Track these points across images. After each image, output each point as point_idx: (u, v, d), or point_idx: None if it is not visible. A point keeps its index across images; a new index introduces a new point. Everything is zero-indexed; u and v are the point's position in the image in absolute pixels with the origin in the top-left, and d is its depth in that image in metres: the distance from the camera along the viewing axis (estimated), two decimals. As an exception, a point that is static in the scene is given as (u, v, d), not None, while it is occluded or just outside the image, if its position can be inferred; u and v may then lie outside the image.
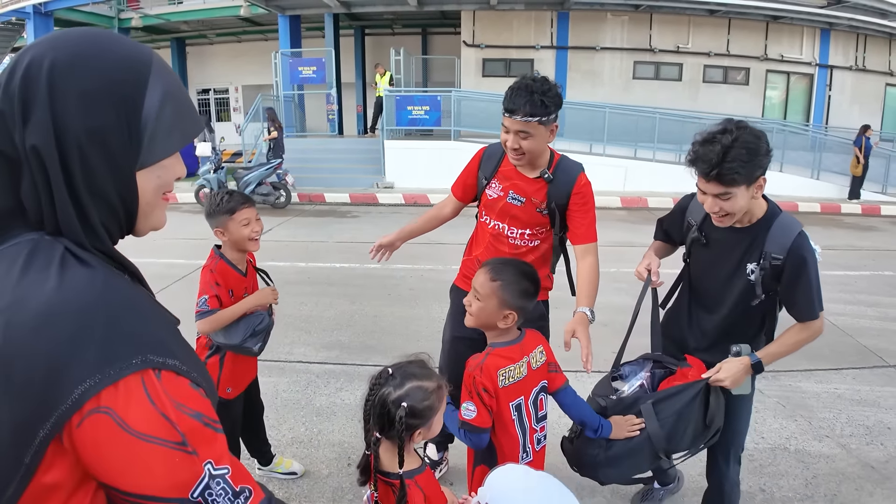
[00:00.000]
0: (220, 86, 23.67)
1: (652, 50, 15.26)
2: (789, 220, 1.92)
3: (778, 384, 3.85)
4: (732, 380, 1.94)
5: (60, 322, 0.65)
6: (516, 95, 2.10)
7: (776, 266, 1.88)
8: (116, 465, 0.66)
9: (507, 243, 2.38)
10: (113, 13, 18.85)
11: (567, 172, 2.31)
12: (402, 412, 1.33)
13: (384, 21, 19.95)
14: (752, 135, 1.74)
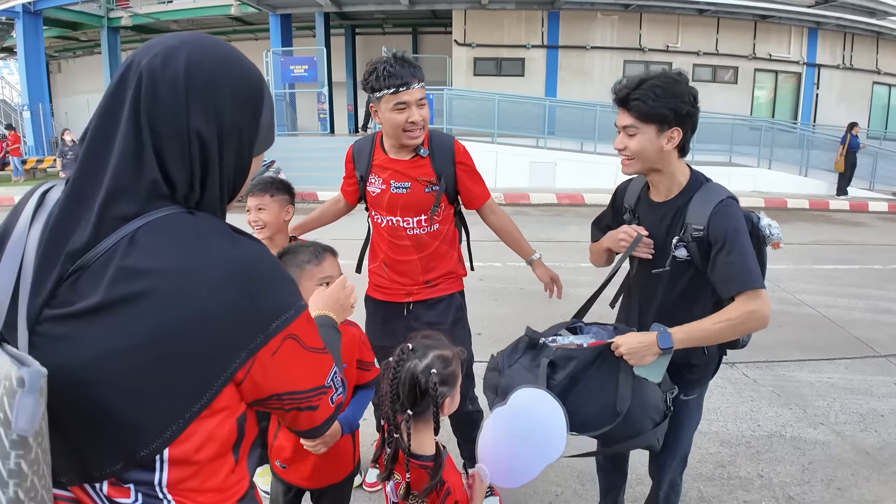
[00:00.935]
0: (210, 85, 23.60)
1: (642, 49, 15.38)
2: (714, 188, 1.74)
3: (772, 374, 3.91)
4: (629, 351, 1.66)
5: (259, 272, 0.82)
6: (401, 68, 2.05)
7: (699, 238, 1.68)
8: (298, 374, 0.87)
9: (406, 236, 2.28)
10: (102, 12, 18.70)
11: (442, 143, 2.27)
12: (435, 378, 1.36)
13: (375, 20, 19.96)
14: (676, 80, 1.65)
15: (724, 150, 13.40)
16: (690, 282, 1.78)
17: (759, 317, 1.62)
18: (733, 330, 1.65)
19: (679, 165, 1.76)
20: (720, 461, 2.92)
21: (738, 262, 1.61)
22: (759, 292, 1.62)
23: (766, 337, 4.52)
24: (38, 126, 16.86)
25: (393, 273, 2.34)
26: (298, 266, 1.71)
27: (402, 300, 2.35)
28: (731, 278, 1.63)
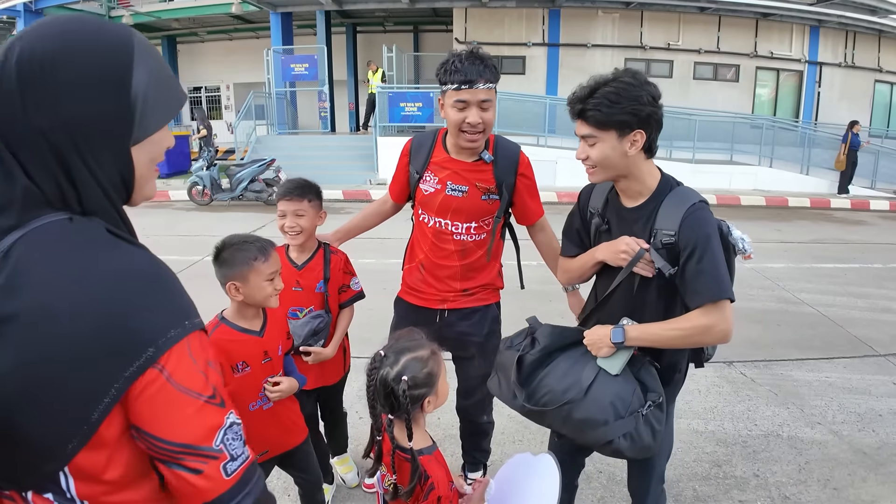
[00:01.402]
0: (212, 84, 23.54)
1: (643, 47, 15.32)
2: (685, 192, 1.66)
3: (770, 373, 3.89)
4: (589, 342, 1.68)
5: (131, 289, 0.72)
6: (469, 64, 1.94)
7: (669, 244, 1.60)
8: (162, 417, 0.73)
9: (451, 241, 2.17)
10: (104, 11, 18.68)
11: (507, 150, 2.16)
12: (405, 386, 1.35)
13: (376, 19, 19.93)
14: (632, 80, 1.56)
15: (726, 149, 13.34)
16: (660, 293, 1.69)
17: (717, 332, 1.55)
18: (685, 339, 1.60)
19: (648, 167, 1.68)
20: (716, 460, 2.91)
21: (707, 270, 1.54)
22: (721, 305, 1.54)
23: (765, 336, 4.52)
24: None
25: (430, 276, 2.24)
26: (246, 263, 1.75)
27: (436, 307, 2.25)
28: (699, 288, 1.55)
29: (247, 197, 10.71)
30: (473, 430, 2.50)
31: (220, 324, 1.83)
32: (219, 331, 1.80)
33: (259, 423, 1.90)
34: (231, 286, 1.76)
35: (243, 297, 1.78)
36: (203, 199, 10.88)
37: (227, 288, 1.77)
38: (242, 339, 1.84)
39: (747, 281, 5.91)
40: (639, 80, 1.57)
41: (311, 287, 2.23)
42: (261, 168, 10.72)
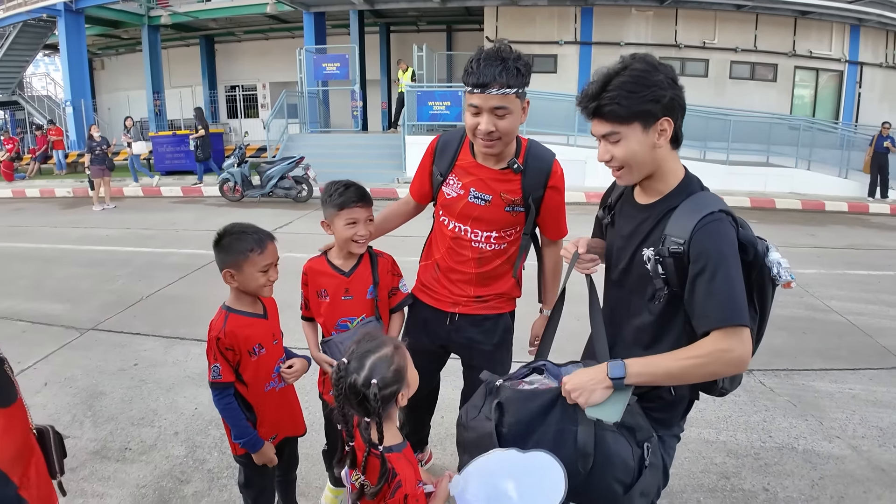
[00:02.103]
0: (248, 82, 23.98)
1: (677, 45, 14.99)
2: (705, 198, 1.45)
3: (790, 382, 3.76)
4: (575, 387, 1.41)
5: None
6: (486, 66, 1.75)
7: (677, 255, 1.40)
8: None
9: (469, 247, 2.07)
10: (143, 11, 19.23)
11: (540, 160, 1.99)
12: (375, 389, 1.35)
13: (409, 18, 19.99)
14: (645, 63, 1.41)
15: (762, 150, 12.97)
16: (665, 306, 1.50)
17: (733, 358, 1.34)
18: (699, 371, 1.37)
19: (675, 163, 1.50)
20: (724, 472, 2.82)
21: (721, 291, 1.33)
22: (739, 330, 1.33)
23: (789, 344, 4.37)
24: (80, 121, 17.43)
25: (444, 278, 2.16)
26: (242, 254, 1.81)
27: (448, 309, 2.16)
28: (709, 311, 1.35)
29: (276, 194, 10.92)
30: None
31: (229, 314, 1.88)
32: (231, 320, 1.87)
33: (275, 405, 2.00)
34: (226, 273, 1.84)
35: (238, 285, 1.86)
36: (234, 196, 11.14)
37: (224, 274, 1.85)
38: (253, 323, 1.92)
39: (775, 287, 5.74)
40: (651, 63, 1.41)
41: (363, 294, 2.11)
42: (290, 166, 10.92)
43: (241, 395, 1.92)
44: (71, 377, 3.81)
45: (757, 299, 1.50)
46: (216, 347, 1.85)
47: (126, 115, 13.54)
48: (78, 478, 2.76)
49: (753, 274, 1.46)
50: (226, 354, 1.86)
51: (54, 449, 1.27)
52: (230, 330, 1.85)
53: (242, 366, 1.89)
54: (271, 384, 1.97)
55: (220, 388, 1.87)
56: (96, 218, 10.08)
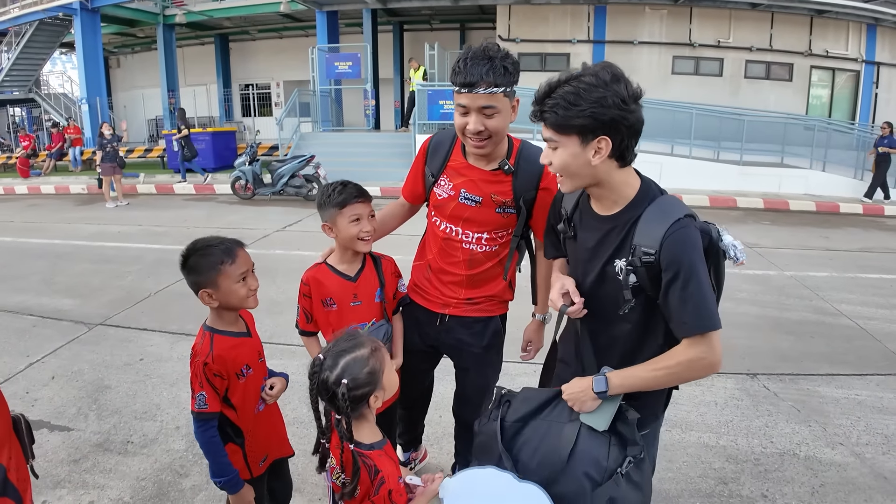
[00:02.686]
0: (262, 81, 24.12)
1: (691, 44, 14.89)
2: (668, 203, 1.47)
3: (795, 387, 3.71)
4: (570, 397, 1.53)
5: None
6: (473, 65, 1.74)
7: (649, 264, 1.43)
8: None
9: (460, 249, 2.06)
10: (158, 9, 19.40)
11: (531, 161, 1.95)
12: (344, 389, 1.35)
13: (422, 17, 20.01)
14: (595, 79, 1.36)
15: (776, 151, 12.82)
16: (641, 311, 1.53)
17: (704, 366, 1.43)
18: (673, 379, 1.47)
19: (623, 176, 1.49)
20: (723, 478, 2.79)
21: (693, 298, 1.38)
22: (709, 337, 1.40)
23: (795, 348, 4.33)
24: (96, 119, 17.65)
25: (435, 279, 2.16)
26: (213, 269, 1.69)
27: (438, 310, 2.16)
28: (685, 317, 1.40)
29: (287, 192, 10.99)
30: (467, 434, 2.46)
31: (214, 335, 1.75)
32: (217, 343, 1.74)
33: (265, 426, 1.90)
34: (203, 294, 1.71)
35: (218, 303, 1.73)
36: (245, 193, 11.23)
37: (201, 296, 1.71)
38: (239, 343, 1.80)
39: (785, 290, 5.68)
40: (602, 78, 1.36)
41: (371, 297, 2.06)
42: (301, 164, 10.99)
43: (229, 421, 1.80)
44: (78, 371, 3.87)
45: (714, 278, 1.53)
46: (203, 374, 1.70)
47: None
48: (80, 469, 2.81)
49: (710, 257, 1.51)
50: (213, 381, 1.72)
51: (25, 435, 1.29)
52: (218, 354, 1.72)
53: (231, 389, 1.77)
54: (260, 406, 1.87)
55: (204, 419, 1.72)
56: (110, 215, 10.21)
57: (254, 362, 1.83)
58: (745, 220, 9.78)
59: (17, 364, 4.01)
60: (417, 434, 2.72)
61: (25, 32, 19.10)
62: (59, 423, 3.24)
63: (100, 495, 2.63)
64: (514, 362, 3.77)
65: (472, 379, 2.24)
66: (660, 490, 2.66)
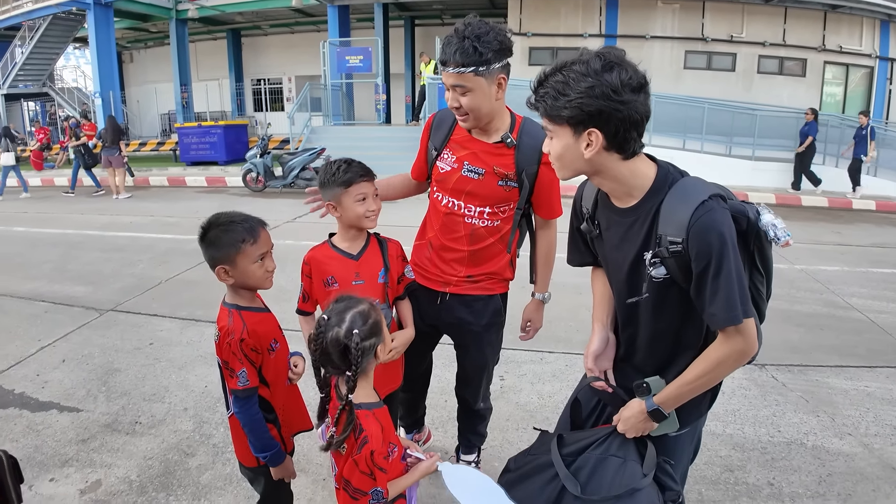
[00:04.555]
0: (275, 76, 24.26)
1: (704, 39, 14.76)
2: (690, 185, 1.39)
3: (804, 378, 3.68)
4: (632, 430, 1.51)
5: None
6: (447, 44, 1.78)
7: (677, 253, 1.35)
8: None
9: (462, 223, 2.07)
10: (170, 4, 19.53)
11: (533, 137, 1.97)
12: (357, 338, 1.38)
13: (433, 11, 20.02)
14: (584, 68, 1.28)
15: (789, 147, 12.68)
16: (677, 304, 1.45)
17: (738, 356, 1.38)
18: (713, 378, 1.42)
19: (630, 167, 1.40)
20: (729, 465, 2.78)
21: (723, 289, 1.31)
22: (741, 328, 1.33)
23: (805, 340, 4.30)
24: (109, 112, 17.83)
25: (436, 257, 2.16)
26: (234, 246, 1.64)
27: (438, 289, 2.17)
28: (715, 310, 1.33)
29: (297, 184, 11.04)
30: (469, 414, 2.48)
31: (241, 311, 1.71)
32: (248, 318, 1.70)
33: (294, 399, 1.89)
34: (220, 270, 1.66)
35: (234, 281, 1.68)
36: (257, 186, 11.31)
37: (217, 272, 1.67)
38: (265, 318, 1.78)
39: (796, 283, 5.63)
40: (592, 67, 1.28)
41: (374, 277, 2.02)
42: (311, 157, 11.05)
43: (262, 399, 1.75)
44: (88, 354, 3.92)
45: (760, 262, 1.49)
46: (241, 350, 1.64)
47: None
48: (88, 449, 2.85)
49: (751, 240, 1.45)
50: (251, 356, 1.67)
51: (9, 475, 1.21)
52: (252, 329, 1.68)
53: (265, 366, 1.74)
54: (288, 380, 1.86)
55: (247, 396, 1.68)
56: (122, 206, 10.31)
57: (279, 336, 1.81)
58: (757, 215, 9.70)
59: (29, 348, 4.07)
60: (419, 416, 2.73)
61: (39, 27, 19.30)
62: (68, 405, 3.29)
63: (107, 473, 2.66)
64: (520, 349, 3.80)
65: (472, 358, 2.26)
66: (664, 477, 2.67)
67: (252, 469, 1.86)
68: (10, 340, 4.22)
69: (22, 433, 3.03)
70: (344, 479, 1.43)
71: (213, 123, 16.27)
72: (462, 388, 2.40)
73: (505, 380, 3.55)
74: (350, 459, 1.41)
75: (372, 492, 1.41)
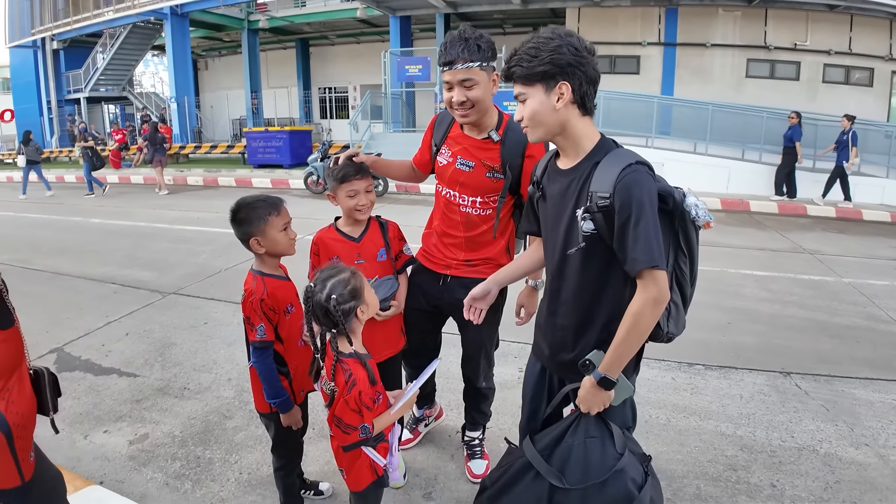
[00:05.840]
0: (341, 85, 24.96)
1: (767, 47, 14.36)
2: (623, 153, 1.58)
3: (829, 388, 3.61)
4: (593, 406, 1.65)
5: None
6: (451, 46, 2.03)
7: (605, 208, 1.52)
8: None
9: (458, 212, 2.31)
10: (243, 15, 20.51)
11: (518, 132, 2.14)
12: (334, 303, 1.63)
13: (494, 21, 20.12)
14: (551, 34, 1.55)
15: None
16: (600, 260, 1.62)
17: (655, 303, 1.51)
18: (642, 327, 1.54)
19: (585, 127, 1.63)
20: (733, 464, 2.79)
21: (643, 236, 1.48)
22: (657, 276, 1.49)
23: (838, 351, 4.20)
24: (184, 117, 18.93)
25: (440, 243, 2.41)
26: (262, 220, 1.98)
27: (441, 271, 2.40)
28: (636, 254, 1.49)
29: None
30: (473, 393, 2.66)
31: (264, 277, 2.02)
32: (268, 283, 2.01)
33: (307, 359, 2.10)
34: (254, 241, 1.99)
35: (265, 249, 2.00)
36: (317, 188, 11.82)
37: (251, 243, 1.99)
38: (283, 285, 2.08)
39: (840, 296, 5.48)
40: (558, 33, 1.55)
41: (373, 256, 2.31)
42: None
43: (277, 354, 2.06)
44: (149, 330, 4.38)
45: (684, 243, 1.66)
46: (260, 308, 1.95)
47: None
48: (140, 408, 3.24)
49: (676, 220, 1.64)
50: (268, 315, 1.98)
51: (48, 389, 1.39)
52: (271, 291, 1.99)
53: (280, 325, 2.04)
54: (300, 341, 2.13)
55: (263, 348, 1.98)
56: (191, 202, 11.04)
57: (295, 302, 2.11)
58: (812, 227, 9.40)
59: (97, 322, 4.57)
60: (428, 392, 2.94)
61: (119, 35, 20.62)
62: (127, 371, 3.72)
63: (154, 429, 3.03)
64: (516, 342, 3.93)
65: (471, 336, 2.46)
66: (665, 470, 2.70)
67: (265, 415, 2.16)
68: (81, 315, 4.73)
69: (84, 392, 3.46)
70: (336, 417, 1.68)
71: (278, 129, 17.04)
72: (465, 367, 2.60)
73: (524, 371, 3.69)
74: (342, 400, 1.66)
75: (361, 427, 1.67)
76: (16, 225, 9.12)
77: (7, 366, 1.18)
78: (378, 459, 1.76)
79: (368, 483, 1.79)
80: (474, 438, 2.73)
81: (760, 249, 7.49)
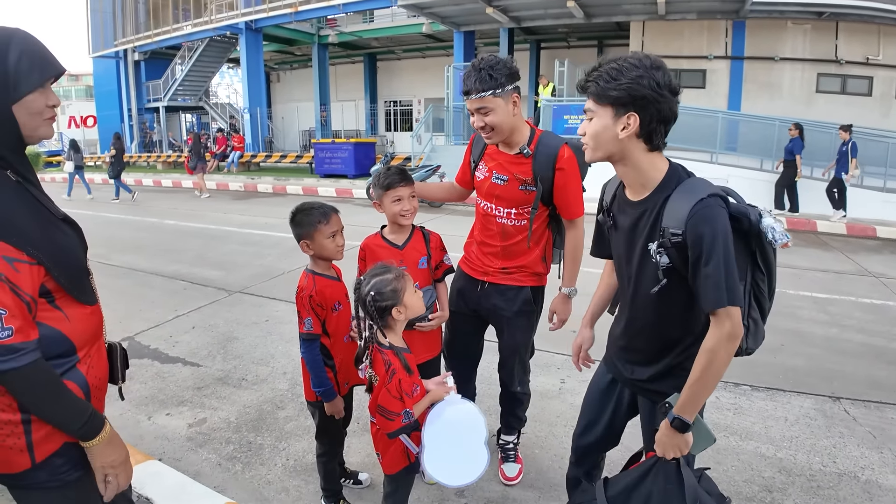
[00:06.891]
0: (405, 98, 25.54)
1: (837, 61, 13.77)
2: (694, 184, 1.54)
3: (879, 415, 3.49)
4: (669, 451, 1.61)
5: None
6: (466, 77, 2.18)
7: (678, 244, 1.50)
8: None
9: (495, 222, 2.45)
10: (313, 30, 21.32)
11: (548, 146, 2.31)
12: (370, 299, 1.81)
13: (559, 34, 20.14)
14: (637, 62, 1.51)
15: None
16: (677, 292, 1.59)
17: (730, 338, 1.48)
18: (717, 365, 1.50)
19: (650, 159, 1.59)
20: (769, 486, 2.75)
21: (713, 275, 1.45)
22: (729, 310, 1.47)
23: (893, 378, 4.03)
24: (256, 127, 19.83)
25: (479, 251, 2.55)
26: (312, 226, 2.19)
27: (479, 277, 2.53)
28: (706, 293, 1.47)
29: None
30: (508, 397, 2.78)
31: (315, 276, 2.23)
32: (318, 281, 2.22)
33: (350, 355, 2.21)
34: (303, 243, 2.20)
35: (313, 252, 2.21)
36: (377, 198, 12.15)
37: (301, 245, 2.21)
38: (332, 284, 2.28)
39: (902, 320, 5.27)
40: (644, 63, 1.51)
41: (415, 264, 2.42)
42: (427, 173, 11.72)
43: (324, 348, 2.25)
44: (214, 324, 4.75)
45: (761, 261, 1.64)
46: (309, 304, 2.15)
47: None
48: (201, 395, 3.55)
49: (752, 240, 1.61)
50: (316, 310, 2.17)
51: (119, 360, 1.54)
52: (319, 289, 2.18)
53: (328, 321, 2.22)
54: (346, 337, 2.30)
55: (310, 340, 2.18)
56: (260, 208, 11.64)
57: (343, 301, 2.30)
58: (881, 250, 8.92)
59: (167, 315, 4.99)
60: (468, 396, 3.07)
61: (197, 48, 21.81)
62: (191, 360, 4.06)
63: (212, 414, 3.33)
64: (560, 354, 4.02)
65: (505, 340, 2.60)
66: (699, 486, 2.75)
67: (312, 403, 2.38)
68: (152, 308, 5.18)
69: (150, 378, 3.81)
70: (379, 405, 1.84)
71: (344, 140, 17.62)
72: (501, 371, 2.74)
73: (566, 382, 3.77)
74: (384, 388, 1.82)
75: (403, 412, 1.82)
76: (94, 223, 9.85)
77: (91, 335, 1.36)
78: (411, 447, 1.92)
79: (401, 468, 1.96)
80: (509, 442, 2.85)
81: (824, 271, 7.23)
